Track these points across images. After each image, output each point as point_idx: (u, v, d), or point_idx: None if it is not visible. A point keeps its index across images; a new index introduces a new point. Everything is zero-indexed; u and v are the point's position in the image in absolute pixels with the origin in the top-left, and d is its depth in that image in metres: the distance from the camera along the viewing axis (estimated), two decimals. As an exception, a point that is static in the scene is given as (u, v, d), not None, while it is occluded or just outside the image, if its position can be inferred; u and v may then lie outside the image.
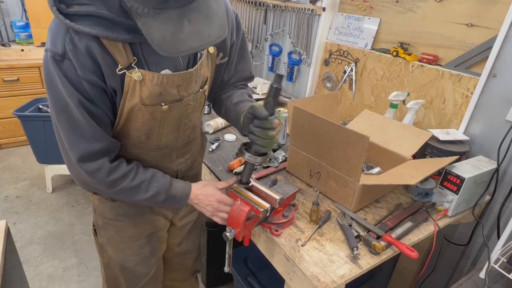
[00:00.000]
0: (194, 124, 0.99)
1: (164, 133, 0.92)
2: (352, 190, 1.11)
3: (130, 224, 1.05)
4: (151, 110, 0.84)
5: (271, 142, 0.88)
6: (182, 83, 0.85)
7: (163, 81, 0.81)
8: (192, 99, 0.91)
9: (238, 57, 1.05)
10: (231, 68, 1.05)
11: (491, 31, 1.33)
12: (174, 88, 0.84)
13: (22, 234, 2.30)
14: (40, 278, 1.99)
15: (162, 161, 0.99)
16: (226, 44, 0.97)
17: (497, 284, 1.03)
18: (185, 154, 1.05)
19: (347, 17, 1.91)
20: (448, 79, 1.46)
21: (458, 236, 1.51)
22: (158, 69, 0.81)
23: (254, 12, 2.47)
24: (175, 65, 0.84)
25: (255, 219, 0.95)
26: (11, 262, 1.06)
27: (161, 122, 0.88)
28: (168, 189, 0.92)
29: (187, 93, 0.88)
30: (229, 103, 1.04)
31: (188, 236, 1.29)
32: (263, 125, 0.84)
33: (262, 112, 0.83)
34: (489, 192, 1.28)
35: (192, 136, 1.03)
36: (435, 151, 1.32)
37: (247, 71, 1.10)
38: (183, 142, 1.00)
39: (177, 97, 0.86)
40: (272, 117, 0.84)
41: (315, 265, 0.91)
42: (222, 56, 0.97)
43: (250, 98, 1.06)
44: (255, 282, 1.53)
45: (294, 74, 2.32)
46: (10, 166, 3.04)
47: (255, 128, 0.85)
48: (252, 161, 0.89)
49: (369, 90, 1.84)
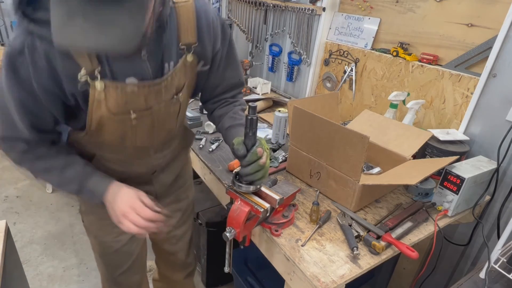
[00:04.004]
0: (169, 128, 1.00)
1: (138, 138, 0.93)
2: (352, 190, 1.11)
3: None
4: (119, 119, 0.84)
5: (265, 170, 0.88)
6: (149, 93, 0.84)
7: (127, 91, 0.80)
8: (163, 106, 0.90)
9: (224, 65, 1.03)
10: (217, 75, 1.03)
11: (491, 31, 1.32)
12: (141, 97, 0.83)
13: (22, 234, 2.30)
14: (40, 278, 1.99)
15: (139, 156, 0.99)
16: (207, 52, 0.94)
17: (497, 284, 1.03)
18: (164, 150, 1.06)
19: (347, 17, 1.91)
20: (448, 79, 1.46)
21: (458, 236, 1.51)
22: (122, 77, 0.80)
23: (254, 12, 2.47)
24: (141, 74, 0.82)
25: (255, 219, 0.95)
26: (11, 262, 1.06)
27: (133, 129, 0.89)
28: (83, 180, 0.89)
29: (156, 101, 0.87)
30: (221, 126, 1.06)
31: (178, 226, 1.29)
32: (250, 160, 0.85)
33: (239, 151, 0.85)
34: (489, 192, 1.28)
35: (169, 136, 1.03)
36: (435, 151, 1.32)
37: (236, 77, 1.09)
38: (160, 142, 1.01)
39: (144, 106, 0.85)
40: (254, 148, 0.85)
41: (315, 265, 0.91)
42: (204, 63, 0.96)
43: (240, 119, 1.04)
44: (255, 282, 1.53)
45: (294, 74, 2.31)
46: (10, 166, 3.04)
47: (245, 167, 0.86)
48: (252, 190, 0.91)
49: (369, 90, 1.84)
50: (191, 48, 0.89)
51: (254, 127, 0.84)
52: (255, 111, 0.83)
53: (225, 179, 1.29)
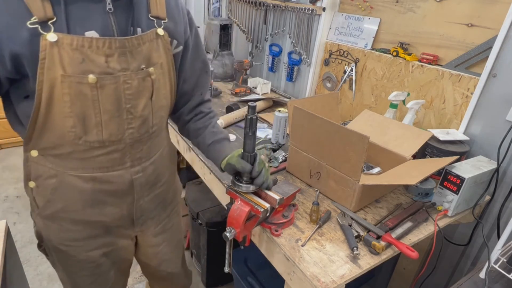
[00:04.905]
0: (142, 114, 0.84)
1: (104, 121, 0.77)
2: (352, 190, 1.11)
3: (81, 248, 0.95)
4: (76, 82, 0.70)
5: (267, 171, 0.93)
6: (112, 52, 0.72)
7: (84, 44, 0.68)
8: (129, 77, 0.77)
9: (193, 55, 0.98)
10: (187, 66, 0.97)
11: (491, 31, 1.33)
12: (101, 56, 0.71)
13: (22, 234, 2.30)
14: (40, 278, 1.99)
15: (112, 167, 0.85)
16: (179, 32, 0.89)
17: (497, 284, 1.03)
18: (143, 161, 0.91)
19: (347, 17, 1.91)
20: (448, 79, 1.46)
21: (458, 236, 1.51)
22: (81, 30, 0.69)
23: (254, 12, 2.47)
24: (104, 30, 0.72)
25: (255, 219, 0.95)
26: (11, 262, 1.06)
27: (94, 102, 0.74)
28: None
29: (120, 67, 0.75)
30: (202, 141, 1.03)
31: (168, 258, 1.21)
32: (259, 170, 0.88)
33: (245, 167, 0.87)
34: (489, 192, 1.28)
35: (144, 132, 0.87)
36: (435, 151, 1.32)
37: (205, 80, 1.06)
38: (133, 137, 0.85)
39: (106, 69, 0.73)
40: (258, 158, 0.88)
41: (315, 265, 0.91)
42: (177, 44, 0.90)
43: (222, 133, 1.03)
44: (255, 282, 1.53)
45: (294, 74, 2.31)
46: (10, 166, 3.05)
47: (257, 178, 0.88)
48: (252, 190, 0.92)
49: (369, 90, 1.84)
50: (161, 23, 0.83)
51: (253, 127, 0.85)
52: (255, 111, 0.84)
53: (225, 179, 1.29)
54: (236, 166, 0.88)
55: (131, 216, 0.98)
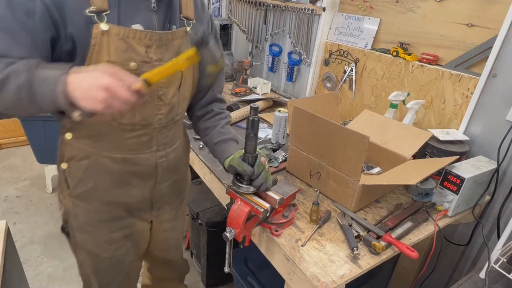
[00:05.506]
0: (171, 102, 0.93)
1: (138, 105, 0.75)
2: (352, 190, 1.11)
3: (105, 229, 1.02)
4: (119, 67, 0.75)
5: (267, 173, 0.94)
6: (152, 44, 0.82)
7: (129, 35, 0.78)
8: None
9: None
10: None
11: (491, 31, 1.32)
12: (142, 46, 0.80)
13: (22, 234, 2.30)
14: (40, 278, 1.99)
15: (140, 150, 0.93)
16: (203, 31, 0.99)
17: (497, 284, 1.03)
18: (166, 147, 1.00)
19: (347, 17, 1.91)
20: (448, 79, 1.46)
21: (458, 236, 1.51)
22: (129, 23, 0.79)
23: (254, 12, 2.47)
24: (148, 24, 0.82)
25: (255, 219, 0.95)
26: (11, 262, 1.06)
27: None
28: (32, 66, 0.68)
29: (157, 57, 0.84)
30: (209, 140, 1.06)
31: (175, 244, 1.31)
32: (259, 172, 0.90)
33: (247, 170, 0.89)
34: (489, 192, 1.28)
35: (170, 119, 0.96)
36: (435, 151, 1.32)
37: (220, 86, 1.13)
38: (161, 123, 0.93)
39: (145, 58, 0.82)
40: (258, 160, 0.90)
41: (315, 265, 0.91)
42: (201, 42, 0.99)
43: (229, 134, 1.06)
44: (255, 282, 1.53)
45: (294, 74, 2.31)
46: (10, 166, 3.05)
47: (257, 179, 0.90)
48: (252, 191, 0.93)
49: (369, 90, 1.84)
50: (190, 23, 0.93)
51: (255, 128, 0.85)
52: (257, 112, 0.84)
53: (225, 179, 1.29)
54: (238, 168, 0.90)
55: (151, 199, 1.05)
